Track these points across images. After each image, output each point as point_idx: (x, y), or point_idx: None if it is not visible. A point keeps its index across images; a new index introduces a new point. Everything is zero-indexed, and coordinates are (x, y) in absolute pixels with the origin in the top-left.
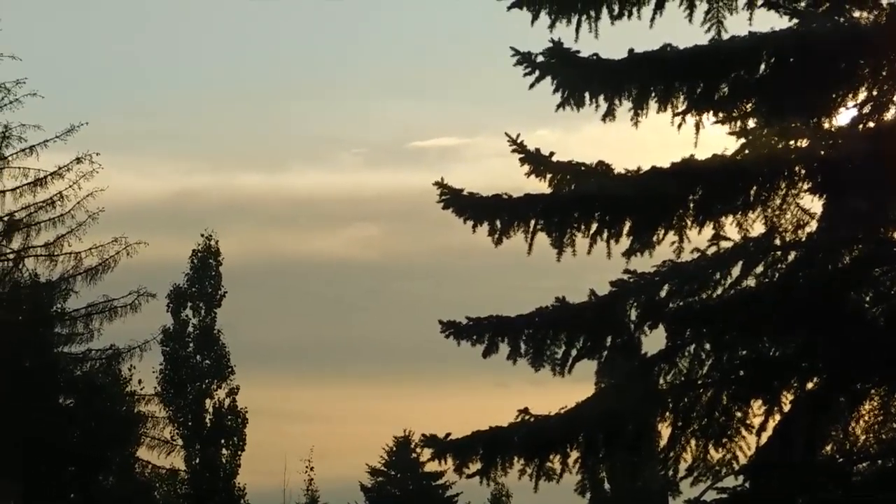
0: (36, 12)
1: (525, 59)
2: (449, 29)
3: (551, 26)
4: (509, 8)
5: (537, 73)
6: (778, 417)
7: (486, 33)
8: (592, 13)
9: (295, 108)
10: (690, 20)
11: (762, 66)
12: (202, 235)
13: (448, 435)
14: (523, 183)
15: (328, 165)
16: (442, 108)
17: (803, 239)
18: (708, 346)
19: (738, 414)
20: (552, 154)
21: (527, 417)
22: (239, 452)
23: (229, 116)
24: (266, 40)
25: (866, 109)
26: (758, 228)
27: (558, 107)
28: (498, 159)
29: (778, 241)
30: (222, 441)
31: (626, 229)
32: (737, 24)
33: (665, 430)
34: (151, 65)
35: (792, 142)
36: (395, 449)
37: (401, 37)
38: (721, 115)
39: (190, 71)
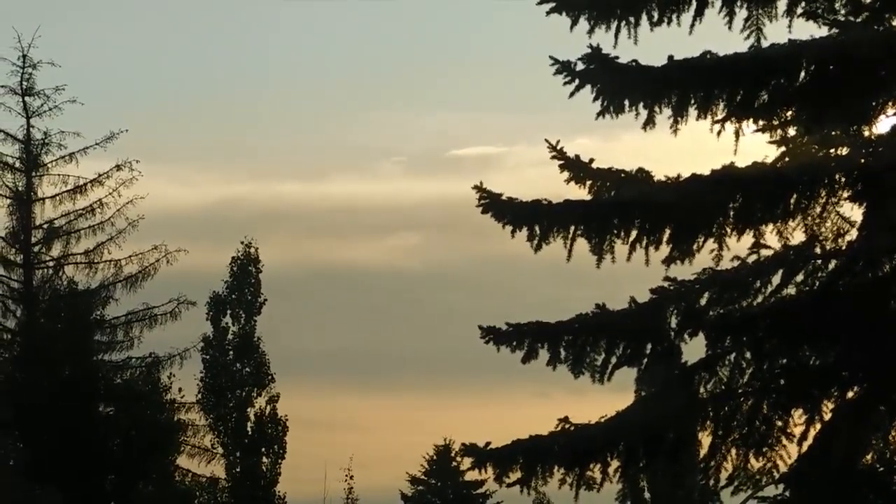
0: (75, 19)
1: (565, 67)
2: (487, 37)
3: (590, 32)
4: (548, 13)
5: (577, 81)
6: (818, 426)
7: (524, 41)
8: (632, 19)
9: (335, 118)
10: (730, 27)
11: (802, 74)
12: (242, 243)
13: (488, 444)
14: (562, 191)
15: (368, 174)
16: (481, 117)
17: (843, 247)
18: (748, 355)
19: (779, 423)
20: (592, 161)
21: (567, 426)
22: (279, 461)
23: (269, 125)
24: (306, 50)
25: None
26: (798, 237)
27: (598, 115)
28: (536, 168)
29: (818, 250)
30: (262, 449)
31: (665, 236)
32: (776, 32)
33: (705, 439)
34: (192, 73)
35: (832, 150)
36: (435, 458)
37: (438, 45)
38: (761, 122)
39: (230, 79)
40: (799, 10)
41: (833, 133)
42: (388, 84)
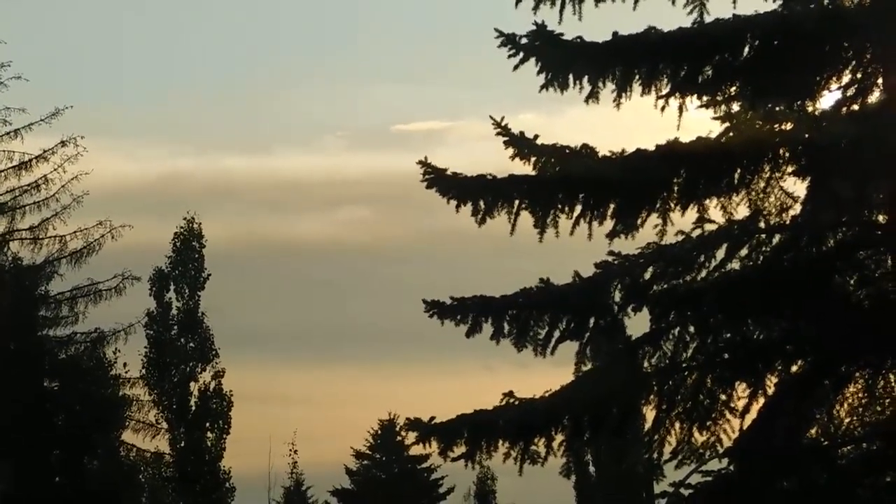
0: None
1: (509, 40)
2: (433, 12)
3: (535, 9)
4: None
5: (521, 54)
6: (762, 400)
7: (470, 16)
8: None
9: (279, 92)
10: (674, 3)
11: (746, 49)
12: (184, 219)
13: (432, 418)
14: (508, 166)
15: (312, 149)
16: (426, 92)
17: (787, 222)
18: (692, 329)
19: (723, 397)
20: (536, 137)
21: (511, 401)
22: (224, 436)
23: (214, 100)
24: (250, 25)
25: (850, 92)
26: (742, 211)
27: (542, 87)
28: (483, 143)
29: (762, 224)
30: (207, 424)
31: (610, 211)
32: (720, 8)
33: (650, 414)
34: (136, 49)
35: (776, 125)
36: (380, 432)
37: (384, 20)
38: (705, 97)
39: (175, 55)
40: None
41: (777, 108)
42: (332, 58)
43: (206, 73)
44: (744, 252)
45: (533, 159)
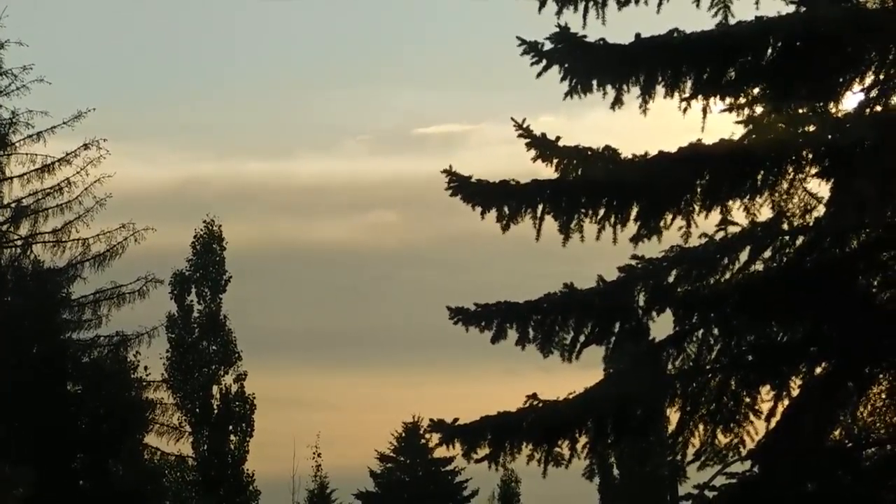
0: None
1: (532, 48)
2: (453, 15)
3: (558, 13)
4: None
5: (545, 62)
6: (786, 402)
7: (490, 19)
8: None
9: (299, 96)
10: (697, 5)
11: (769, 51)
12: (204, 221)
13: (456, 420)
14: (529, 169)
15: (333, 152)
16: (446, 95)
17: (811, 224)
18: (716, 332)
19: (747, 399)
20: (558, 139)
21: (535, 403)
22: (247, 439)
23: (235, 104)
24: (271, 29)
25: (873, 94)
26: (765, 213)
27: (566, 95)
28: (503, 146)
29: (786, 226)
30: (230, 427)
31: (633, 214)
32: (743, 10)
33: (673, 416)
34: (158, 52)
35: (799, 126)
36: (404, 435)
37: (404, 23)
38: (728, 99)
39: (196, 58)
40: None
41: (800, 110)
42: (353, 62)
43: (228, 77)
44: (767, 254)
45: (555, 161)
